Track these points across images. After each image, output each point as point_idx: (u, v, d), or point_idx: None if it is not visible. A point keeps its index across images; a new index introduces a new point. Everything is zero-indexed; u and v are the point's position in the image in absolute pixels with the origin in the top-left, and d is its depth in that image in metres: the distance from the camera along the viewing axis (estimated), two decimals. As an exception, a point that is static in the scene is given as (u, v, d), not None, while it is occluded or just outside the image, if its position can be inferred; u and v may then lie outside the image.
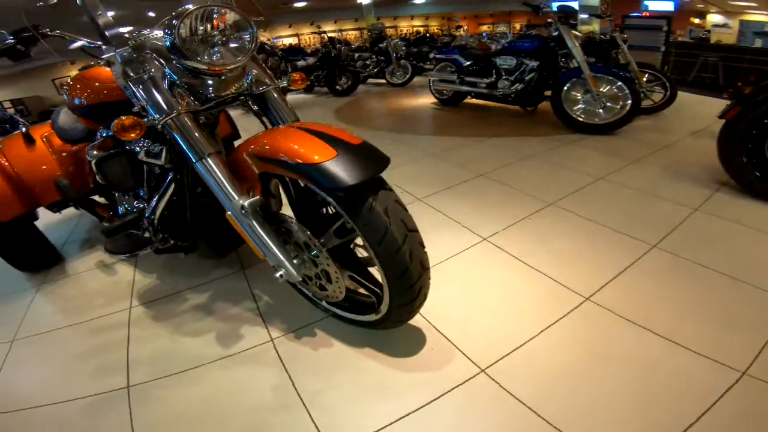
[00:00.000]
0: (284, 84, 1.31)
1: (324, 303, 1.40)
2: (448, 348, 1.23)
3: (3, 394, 1.31)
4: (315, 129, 1.00)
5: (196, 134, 1.07)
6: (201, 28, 1.00)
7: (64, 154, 2.06)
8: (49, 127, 2.09)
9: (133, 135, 0.99)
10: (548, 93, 3.49)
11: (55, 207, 2.14)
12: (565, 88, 3.27)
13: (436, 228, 1.97)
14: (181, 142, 1.06)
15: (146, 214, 1.48)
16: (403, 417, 1.04)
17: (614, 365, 1.12)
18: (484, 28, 17.54)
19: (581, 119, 3.25)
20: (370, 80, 7.26)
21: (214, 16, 1.02)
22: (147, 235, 1.50)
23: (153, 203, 1.44)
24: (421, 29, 16.00)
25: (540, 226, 1.90)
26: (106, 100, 1.29)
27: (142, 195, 1.64)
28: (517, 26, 16.32)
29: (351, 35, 15.30)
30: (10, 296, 1.91)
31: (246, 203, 1.03)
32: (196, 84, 1.10)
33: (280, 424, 1.07)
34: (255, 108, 1.30)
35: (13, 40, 1.09)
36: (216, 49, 1.04)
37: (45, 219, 2.60)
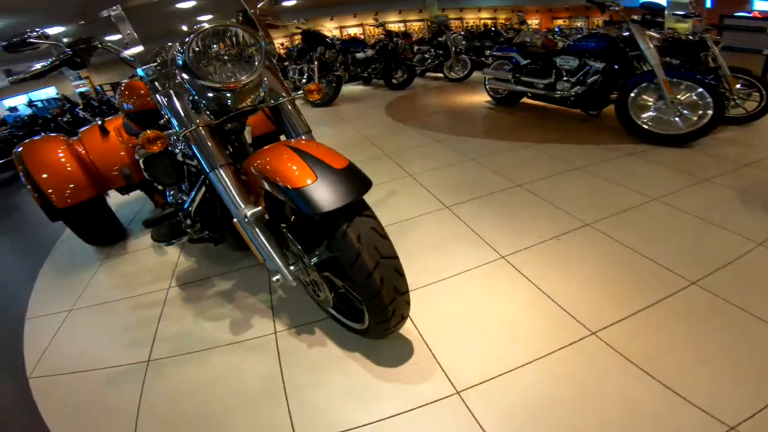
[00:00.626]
0: (299, 95, 1.41)
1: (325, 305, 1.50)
2: (431, 364, 1.26)
3: (52, 357, 1.61)
4: (304, 149, 1.08)
5: (210, 146, 1.21)
6: (214, 47, 1.12)
7: (131, 145, 2.39)
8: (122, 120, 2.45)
9: (155, 147, 1.15)
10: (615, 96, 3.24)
11: (123, 190, 2.50)
12: (633, 93, 3.01)
13: (455, 240, 1.97)
14: (197, 153, 1.21)
15: (185, 207, 1.69)
16: (368, 424, 1.10)
17: (600, 407, 1.06)
18: (559, 22, 16.33)
19: (647, 127, 2.97)
20: (429, 74, 7.23)
21: (228, 35, 1.14)
22: (184, 226, 1.71)
23: (190, 198, 1.64)
24: (489, 22, 15.38)
25: (567, 249, 1.81)
26: (148, 108, 1.49)
27: (184, 189, 1.87)
28: (597, 21, 14.96)
29: (414, 27, 15.20)
30: (78, 268, 2.29)
31: (249, 213, 1.14)
32: (214, 98, 1.23)
33: (261, 410, 1.20)
34: (273, 118, 1.42)
35: (71, 52, 1.31)
36: (227, 66, 1.15)
37: (118, 198, 3.03)
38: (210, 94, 1.23)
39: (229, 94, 1.24)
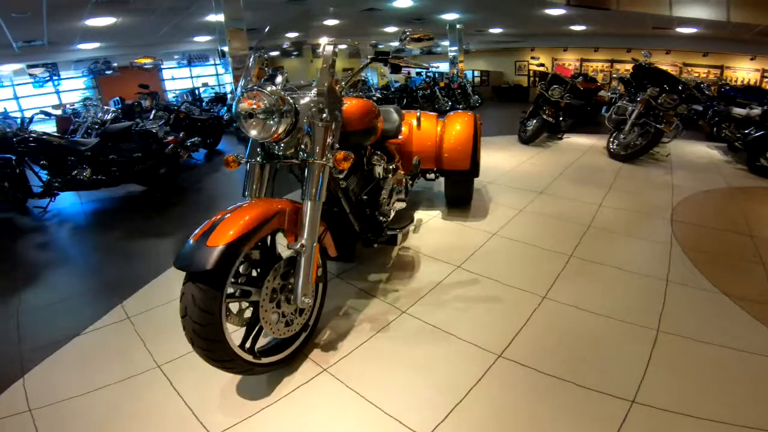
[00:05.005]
0: (330, 161, 1.66)
1: None
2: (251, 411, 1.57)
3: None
4: (233, 213, 1.43)
5: (251, 180, 1.74)
6: (247, 107, 1.55)
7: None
8: None
9: (233, 166, 1.76)
10: None
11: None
12: None
13: (440, 376, 1.75)
14: (245, 179, 1.77)
15: None
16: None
17: None
18: None
19: None
20: None
21: (259, 100, 1.55)
22: None
23: None
24: None
25: None
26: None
27: None
28: None
29: None
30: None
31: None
32: (258, 144, 1.72)
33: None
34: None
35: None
36: (261, 123, 1.57)
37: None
38: (255, 142, 1.71)
39: (266, 144, 1.71)
